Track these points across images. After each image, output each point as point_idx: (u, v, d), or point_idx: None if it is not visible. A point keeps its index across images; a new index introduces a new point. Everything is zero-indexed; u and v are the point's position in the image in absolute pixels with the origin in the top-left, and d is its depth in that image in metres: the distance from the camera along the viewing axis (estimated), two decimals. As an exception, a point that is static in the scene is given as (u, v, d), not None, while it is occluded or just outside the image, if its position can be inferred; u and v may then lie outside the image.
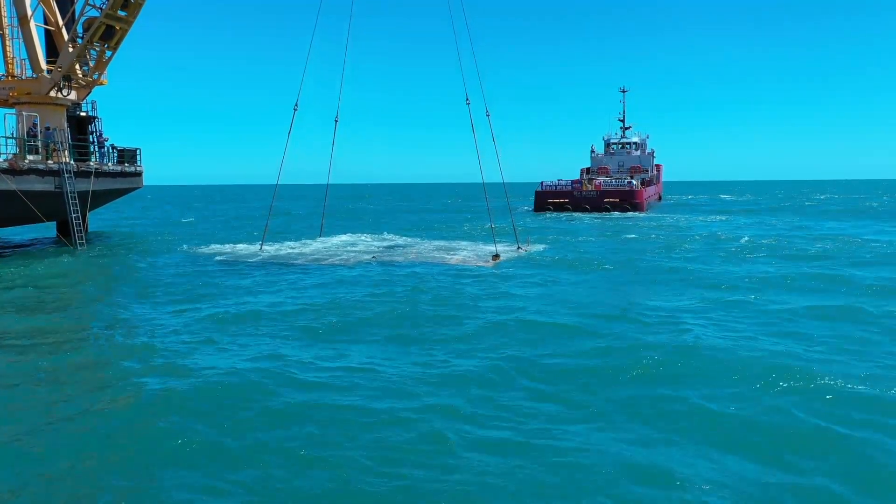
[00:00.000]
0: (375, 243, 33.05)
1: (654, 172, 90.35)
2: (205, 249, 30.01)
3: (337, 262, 25.81)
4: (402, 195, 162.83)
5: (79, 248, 29.60)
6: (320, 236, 34.01)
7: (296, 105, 28.64)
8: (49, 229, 38.96)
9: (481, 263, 26.02)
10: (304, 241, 34.05)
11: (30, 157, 29.85)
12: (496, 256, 27.18)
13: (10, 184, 27.43)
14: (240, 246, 30.99)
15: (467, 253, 29.10)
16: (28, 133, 30.85)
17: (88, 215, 35.98)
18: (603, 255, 27.70)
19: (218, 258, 27.14)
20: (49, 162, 30.52)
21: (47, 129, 31.73)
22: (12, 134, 31.02)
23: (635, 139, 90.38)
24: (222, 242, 33.59)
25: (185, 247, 31.26)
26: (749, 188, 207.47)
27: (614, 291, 19.79)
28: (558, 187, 70.86)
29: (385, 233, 40.68)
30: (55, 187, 30.07)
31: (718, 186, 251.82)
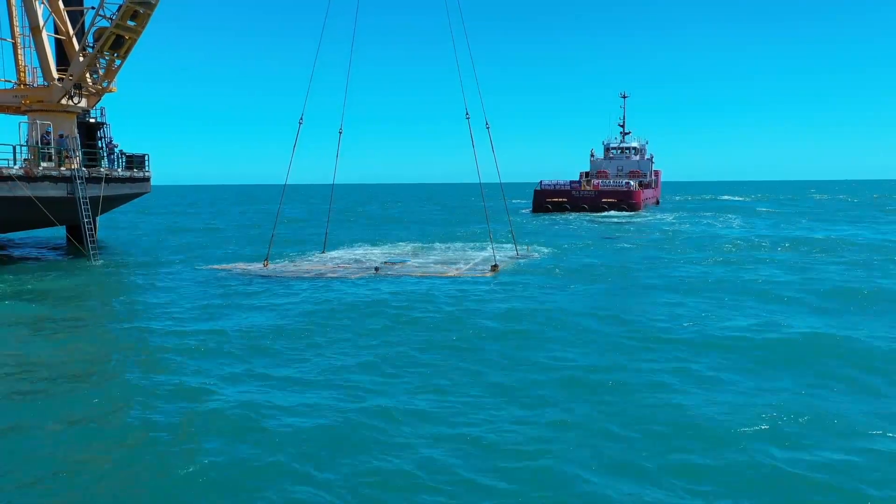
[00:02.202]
0: (378, 255, 33.83)
1: (653, 177, 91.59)
2: (211, 265, 30.30)
3: (341, 277, 26.36)
4: (401, 197, 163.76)
5: (92, 259, 30.23)
6: (325, 248, 34.78)
7: (301, 119, 29.35)
8: (58, 231, 39.92)
9: (479, 275, 26.84)
10: (308, 253, 34.72)
11: (43, 164, 30.81)
12: (495, 267, 27.92)
13: (25, 190, 28.39)
14: (245, 262, 31.20)
15: (466, 264, 29.88)
16: (41, 140, 31.81)
17: (98, 220, 36.92)
18: (601, 271, 28.23)
19: (223, 275, 27.40)
20: (62, 168, 31.47)
21: (61, 136, 32.68)
22: (26, 141, 31.99)
23: (634, 144, 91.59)
24: (228, 256, 33.89)
25: (191, 262, 31.48)
26: (753, 189, 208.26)
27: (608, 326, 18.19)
28: (557, 187, 72.23)
29: (387, 242, 41.48)
30: (67, 193, 31.00)
31: (720, 187, 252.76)
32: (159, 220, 68.16)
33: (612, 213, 67.52)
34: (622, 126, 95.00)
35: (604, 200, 68.81)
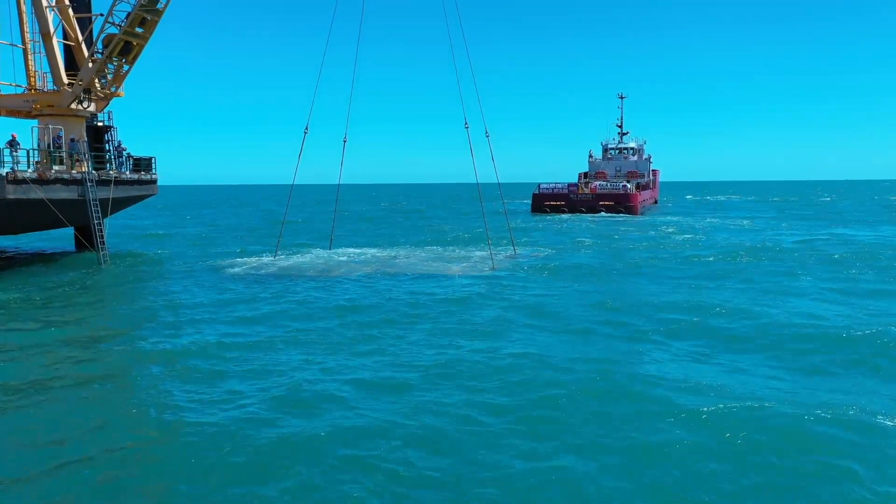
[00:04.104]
0: (380, 253, 34.86)
1: (651, 177, 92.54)
2: (221, 262, 31.26)
3: (344, 275, 27.40)
4: (401, 197, 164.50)
5: (103, 262, 31.20)
6: (330, 247, 35.74)
7: (306, 129, 30.24)
8: (66, 236, 40.81)
9: (477, 273, 27.86)
10: (314, 251, 35.76)
11: (55, 167, 31.77)
12: (493, 266, 29.06)
13: (38, 192, 29.35)
14: (254, 259, 32.32)
15: (465, 262, 30.88)
16: (53, 144, 32.80)
17: (105, 221, 37.84)
18: (593, 270, 29.17)
19: (233, 272, 28.37)
20: (73, 171, 32.44)
21: (72, 140, 33.64)
22: (37, 145, 32.96)
23: (633, 144, 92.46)
24: (237, 254, 34.93)
25: (201, 260, 32.29)
26: (752, 189, 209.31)
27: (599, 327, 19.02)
28: (555, 190, 73.23)
29: (387, 241, 42.45)
30: (79, 195, 31.95)
31: (720, 187, 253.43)
32: (163, 221, 69.03)
33: (609, 215, 68.48)
34: (620, 126, 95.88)
35: (601, 204, 69.82)
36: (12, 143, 30.22)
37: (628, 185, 72.91)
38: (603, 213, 68.37)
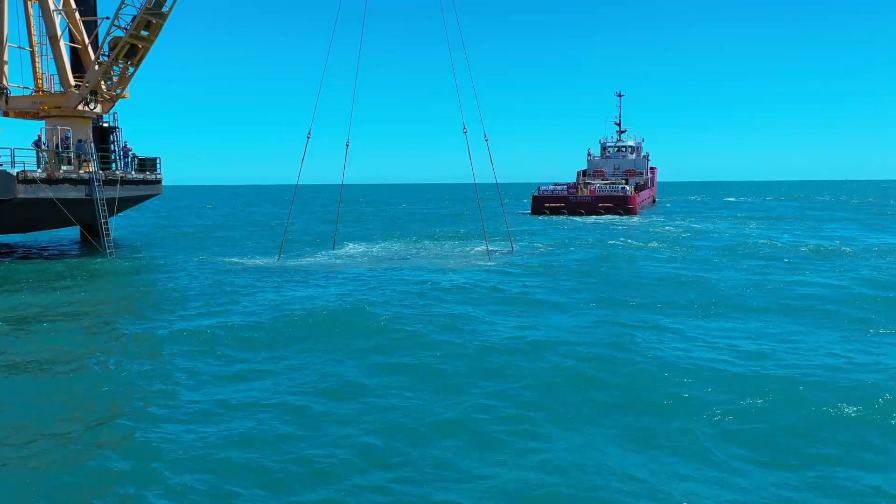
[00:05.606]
0: (380, 252, 35.68)
1: (650, 175, 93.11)
2: (223, 262, 31.87)
3: (346, 274, 28.01)
4: (401, 197, 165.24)
5: (108, 253, 32.11)
6: (333, 247, 36.44)
7: (309, 133, 31.06)
8: (72, 234, 41.62)
9: (474, 268, 28.72)
10: (316, 251, 36.45)
11: (63, 168, 32.60)
12: (489, 262, 30.06)
13: (47, 192, 30.17)
14: (257, 258, 33.09)
15: (464, 260, 31.74)
16: (61, 144, 33.64)
17: (111, 220, 38.67)
18: (586, 266, 29.83)
19: (236, 271, 28.89)
20: (80, 171, 33.25)
21: (80, 141, 34.46)
22: (47, 146, 33.80)
23: (631, 143, 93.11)
24: (240, 254, 35.53)
25: (204, 260, 32.97)
26: (751, 189, 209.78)
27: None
28: (554, 192, 73.62)
29: (388, 241, 43.23)
30: (86, 195, 32.76)
31: (720, 187, 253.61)
32: (166, 221, 69.72)
33: (609, 215, 69.31)
34: (618, 124, 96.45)
35: (600, 205, 70.42)
36: (38, 144, 31.13)
37: (627, 188, 73.45)
38: (602, 215, 69.04)
